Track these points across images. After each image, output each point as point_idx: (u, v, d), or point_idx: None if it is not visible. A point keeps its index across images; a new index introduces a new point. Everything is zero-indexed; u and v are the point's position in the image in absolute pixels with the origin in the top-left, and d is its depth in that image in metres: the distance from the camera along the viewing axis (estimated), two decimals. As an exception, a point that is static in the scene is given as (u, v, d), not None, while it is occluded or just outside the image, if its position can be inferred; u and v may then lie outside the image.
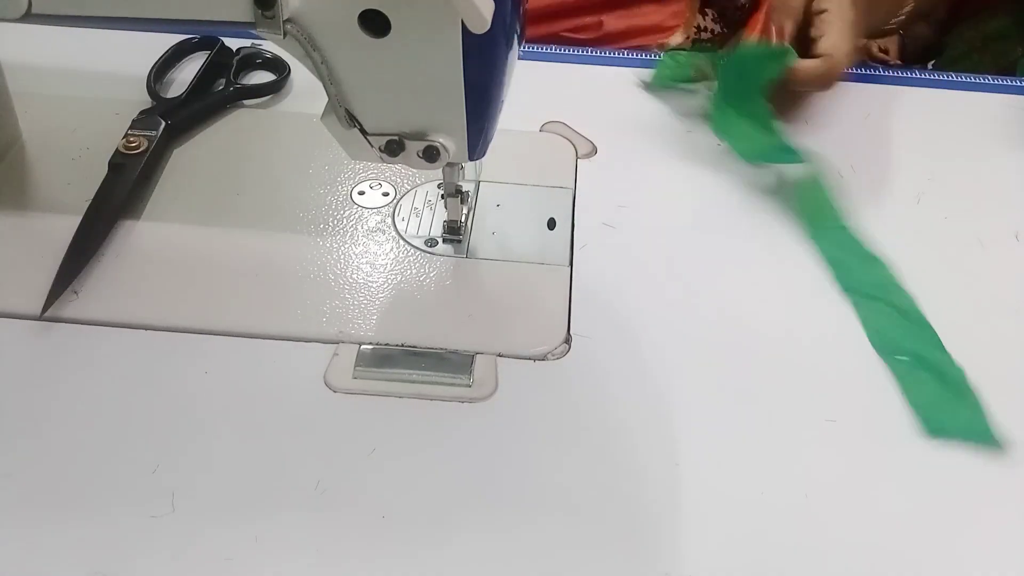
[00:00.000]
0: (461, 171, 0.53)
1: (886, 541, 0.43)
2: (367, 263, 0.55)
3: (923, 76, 0.74)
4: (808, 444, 0.47)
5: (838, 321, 0.53)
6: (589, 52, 0.74)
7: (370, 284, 0.53)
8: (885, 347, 0.52)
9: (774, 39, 0.64)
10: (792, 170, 0.61)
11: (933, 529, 0.44)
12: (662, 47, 0.80)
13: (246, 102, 0.67)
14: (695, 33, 0.83)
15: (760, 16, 0.71)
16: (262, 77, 0.69)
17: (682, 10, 0.82)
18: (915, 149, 0.66)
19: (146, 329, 0.51)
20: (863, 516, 0.44)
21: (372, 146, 0.48)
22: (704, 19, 0.83)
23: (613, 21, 0.80)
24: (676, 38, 0.83)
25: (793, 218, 0.59)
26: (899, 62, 0.87)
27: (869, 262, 0.56)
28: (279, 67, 0.69)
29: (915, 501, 0.45)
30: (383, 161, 0.49)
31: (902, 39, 0.88)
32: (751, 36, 0.67)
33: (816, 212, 0.59)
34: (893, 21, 0.77)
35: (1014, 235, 0.60)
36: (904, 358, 0.51)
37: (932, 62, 0.89)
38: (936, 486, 0.46)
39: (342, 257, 0.55)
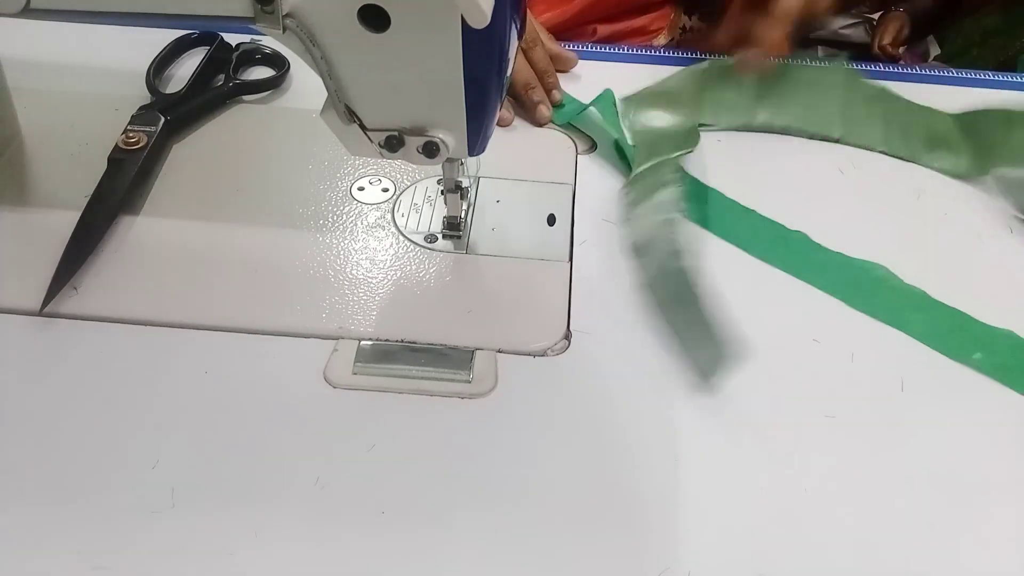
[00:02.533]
0: (461, 167, 0.53)
1: (885, 536, 0.44)
2: (367, 259, 0.55)
3: (922, 72, 0.73)
4: (807, 439, 0.47)
5: (837, 316, 0.53)
6: (589, 48, 0.74)
7: (370, 280, 0.53)
8: (956, 352, 0.52)
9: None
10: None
11: (931, 523, 0.44)
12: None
13: (245, 98, 0.67)
14: (679, 34, 0.84)
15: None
16: (261, 73, 0.69)
17: (667, 12, 0.83)
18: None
19: (145, 325, 0.51)
20: (862, 511, 0.44)
21: (372, 142, 0.48)
22: (690, 19, 0.84)
23: (604, 28, 0.82)
24: (660, 40, 0.84)
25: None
26: (902, 46, 0.87)
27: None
28: (278, 63, 0.69)
29: (914, 496, 0.45)
30: (383, 157, 0.49)
31: (906, 15, 0.88)
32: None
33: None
34: None
35: (1008, 228, 0.60)
36: (978, 355, 0.51)
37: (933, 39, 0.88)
38: (934, 480, 0.46)
39: (342, 253, 0.55)
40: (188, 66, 0.68)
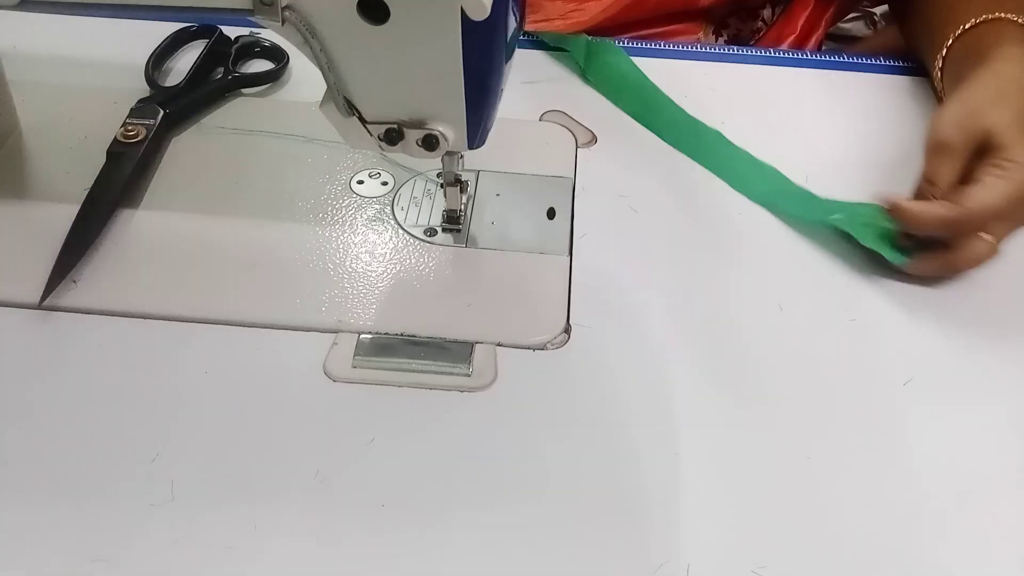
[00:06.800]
0: (461, 160, 0.53)
1: (887, 529, 0.43)
2: (366, 252, 0.55)
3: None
4: (808, 432, 0.47)
5: (835, 310, 0.53)
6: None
7: (369, 273, 0.53)
8: (816, 215, 0.57)
9: (923, 186, 0.55)
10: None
11: (933, 515, 0.44)
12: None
13: (244, 91, 0.66)
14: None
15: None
16: (261, 65, 0.68)
17: (695, 27, 0.82)
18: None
19: (145, 318, 0.50)
20: (863, 505, 0.44)
21: (371, 134, 0.48)
22: (717, 40, 0.83)
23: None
24: None
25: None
26: None
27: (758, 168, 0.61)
28: (278, 55, 0.68)
29: (915, 488, 0.45)
30: (382, 150, 0.49)
31: None
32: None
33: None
34: None
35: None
36: (838, 216, 0.56)
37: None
38: (935, 473, 0.46)
39: (341, 246, 0.55)
40: (187, 59, 0.68)
